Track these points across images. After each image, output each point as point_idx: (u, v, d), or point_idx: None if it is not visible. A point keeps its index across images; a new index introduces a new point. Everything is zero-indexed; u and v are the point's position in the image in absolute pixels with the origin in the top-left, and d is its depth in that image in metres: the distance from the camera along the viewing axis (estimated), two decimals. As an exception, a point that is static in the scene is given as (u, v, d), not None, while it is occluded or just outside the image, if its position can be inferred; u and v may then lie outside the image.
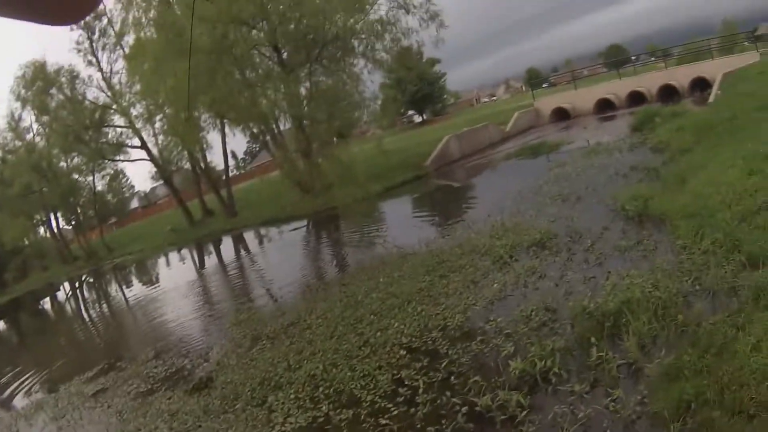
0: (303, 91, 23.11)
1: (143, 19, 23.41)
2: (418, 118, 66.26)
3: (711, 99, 18.20)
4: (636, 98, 29.23)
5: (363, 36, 22.72)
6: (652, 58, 54.89)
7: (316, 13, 20.96)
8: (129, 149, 35.01)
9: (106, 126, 34.22)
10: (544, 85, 59.45)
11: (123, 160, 37.82)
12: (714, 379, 3.69)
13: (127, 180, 58.10)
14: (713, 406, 3.46)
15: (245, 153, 75.48)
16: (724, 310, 4.60)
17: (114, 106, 32.45)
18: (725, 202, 6.81)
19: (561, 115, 32.24)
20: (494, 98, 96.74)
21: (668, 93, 28.66)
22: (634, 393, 4.04)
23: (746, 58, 25.44)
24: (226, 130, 27.20)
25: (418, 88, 58.39)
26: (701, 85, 26.53)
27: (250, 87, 21.77)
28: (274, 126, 24.72)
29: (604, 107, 31.12)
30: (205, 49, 18.97)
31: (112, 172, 41.93)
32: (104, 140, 34.68)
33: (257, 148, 62.74)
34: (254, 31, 22.08)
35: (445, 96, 69.69)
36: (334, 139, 23.96)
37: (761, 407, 3.25)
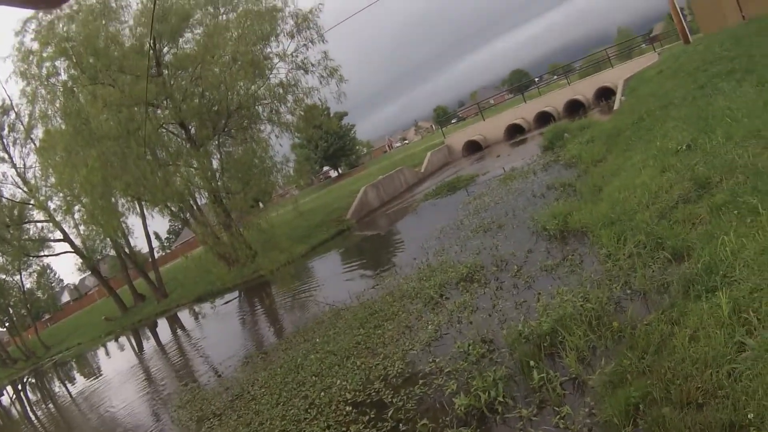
0: (215, 163, 25.65)
1: (50, 111, 25.33)
2: (334, 173, 73.65)
3: (616, 106, 20.48)
4: (544, 118, 32.56)
5: (266, 101, 25.85)
6: (555, 77, 60.85)
7: (218, 85, 23.52)
8: (52, 243, 37.67)
9: (27, 222, 36.60)
10: (453, 121, 64.57)
11: (48, 255, 40.50)
12: (657, 377, 4.10)
13: (55, 274, 64.88)
14: (661, 403, 3.83)
15: (168, 232, 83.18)
16: (657, 308, 5.14)
17: (32, 201, 34.55)
18: (643, 203, 7.63)
19: (473, 147, 35.93)
20: (406, 141, 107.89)
21: (574, 108, 31.90)
22: (582, 406, 4.44)
23: (646, 60, 28.80)
24: (145, 212, 29.34)
25: (330, 144, 65.70)
26: (605, 94, 29.76)
27: (162, 167, 23.52)
28: (191, 202, 26.72)
29: (514, 132, 34.80)
30: (114, 135, 21.14)
31: (39, 268, 44.93)
32: (26, 237, 37.00)
33: (180, 226, 67.68)
34: (159, 111, 24.43)
35: (357, 147, 77.74)
36: (253, 207, 25.71)
37: (708, 395, 3.68)
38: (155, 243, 49.87)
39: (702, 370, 3.82)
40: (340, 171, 73.90)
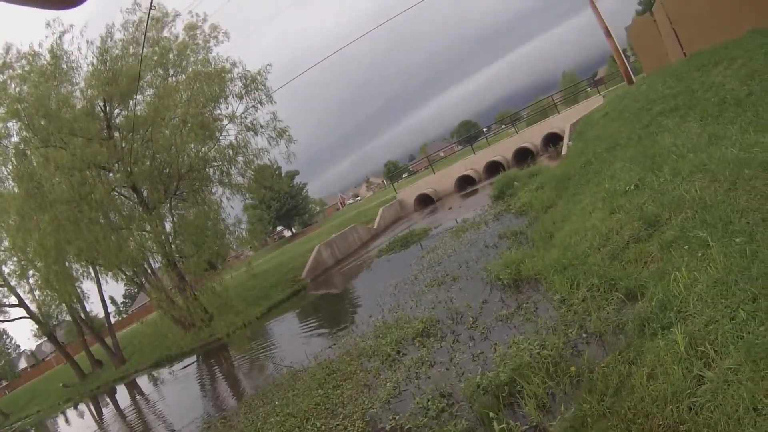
0: (168, 226, 26.42)
1: (2, 173, 25.97)
2: (288, 233, 76.32)
3: (564, 151, 21.29)
4: (494, 168, 33.72)
5: (216, 163, 26.99)
6: (503, 126, 63.07)
7: (169, 147, 24.39)
8: (7, 308, 37.16)
9: (-20, 287, 36.60)
10: (404, 175, 66.57)
11: (3, 321, 39.68)
12: (618, 419, 4.15)
13: (12, 340, 66.54)
14: (623, 445, 4.02)
15: (124, 296, 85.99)
16: (613, 349, 5.28)
17: (-16, 266, 34.43)
18: (594, 246, 7.89)
19: (425, 201, 37.05)
20: (359, 198, 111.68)
21: (523, 155, 32.97)
22: (544, 455, 4.44)
23: (591, 104, 30.04)
24: (100, 276, 29.62)
25: (282, 204, 68.71)
26: (553, 140, 30.95)
27: (115, 231, 23.89)
28: (146, 266, 27.02)
29: (465, 184, 36.04)
30: (66, 198, 21.72)
31: (-6, 334, 43.73)
32: (-21, 302, 36.59)
33: (135, 290, 69.19)
34: (111, 174, 25.02)
35: (310, 206, 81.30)
36: (207, 270, 26.22)
37: (670, 431, 3.86)
38: (111, 308, 50.61)
39: (662, 407, 3.90)
40: (293, 230, 76.71)
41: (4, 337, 56.73)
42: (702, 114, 9.49)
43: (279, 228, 79.34)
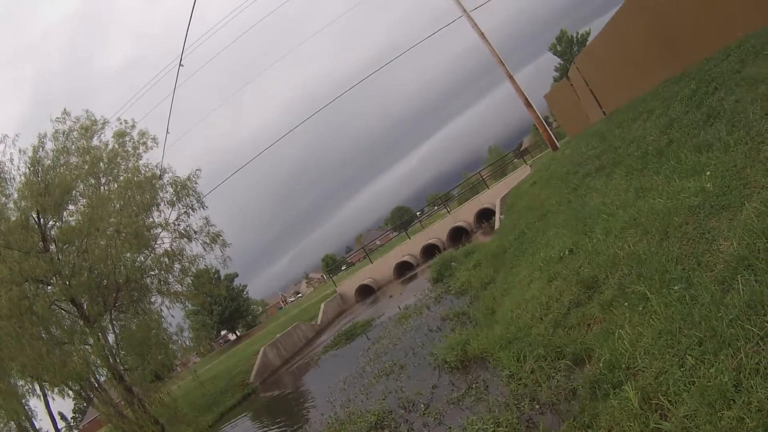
0: (111, 339, 26.25)
1: None
2: (232, 336, 76.53)
3: (497, 225, 21.80)
4: (430, 251, 34.31)
5: (153, 272, 27.09)
6: (435, 207, 64.59)
7: (105, 259, 24.44)
8: None
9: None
10: (342, 268, 67.44)
11: None
12: None
13: None
14: None
15: (74, 411, 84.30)
16: (567, 417, 5.31)
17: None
18: (536, 317, 8.01)
19: (365, 291, 37.55)
20: (300, 295, 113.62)
21: (458, 234, 33.67)
22: None
23: (519, 174, 31.06)
24: (46, 392, 28.58)
25: (224, 307, 69.57)
26: (486, 215, 31.72)
27: (58, 345, 23.66)
28: (92, 380, 26.27)
29: (404, 270, 36.77)
30: (5, 314, 21.56)
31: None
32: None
33: (85, 405, 66.02)
34: (50, 287, 24.66)
35: (252, 307, 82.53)
36: (153, 381, 26.10)
37: None
38: (61, 424, 48.57)
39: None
40: (238, 333, 77.14)
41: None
42: (627, 169, 9.92)
43: (223, 332, 79.49)
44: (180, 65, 27.59)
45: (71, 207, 26.33)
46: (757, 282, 4.12)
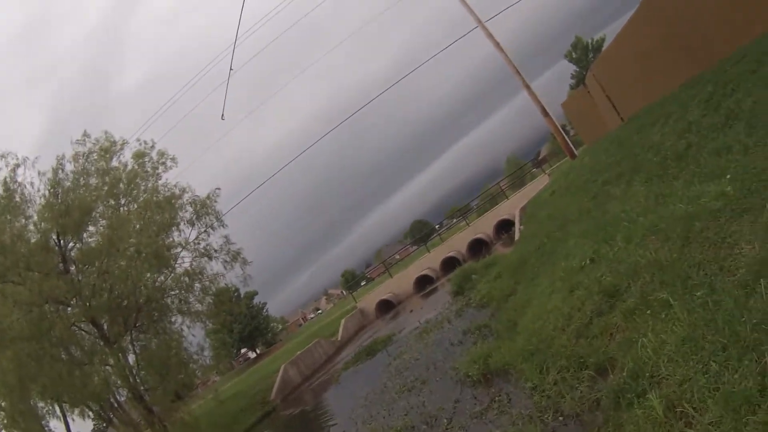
0: (131, 359, 26.43)
1: None
2: (252, 354, 77.08)
3: (517, 236, 21.78)
4: (450, 264, 34.53)
5: (174, 292, 27.52)
6: (454, 220, 64.57)
7: (125, 279, 24.70)
8: None
9: (-57, 427, 35.37)
10: (362, 283, 67.76)
11: None
12: None
13: None
14: None
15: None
16: (592, 427, 5.32)
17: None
18: (558, 328, 7.94)
19: (386, 306, 37.65)
20: (319, 311, 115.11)
21: (478, 246, 33.68)
22: None
23: (538, 184, 31.12)
24: (66, 414, 28.67)
25: (244, 325, 70.09)
26: (506, 226, 31.78)
27: (78, 366, 23.94)
28: (112, 400, 26.76)
29: (424, 284, 36.86)
30: (26, 335, 21.83)
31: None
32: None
33: (104, 425, 64.91)
34: (69, 309, 25.06)
35: (272, 325, 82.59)
36: (174, 401, 26.34)
37: None
38: None
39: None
40: (258, 351, 77.40)
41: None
42: (646, 176, 9.90)
43: (243, 350, 80.00)
44: (230, 69, 28.91)
45: (91, 228, 26.70)
46: (780, 285, 4.10)
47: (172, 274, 27.49)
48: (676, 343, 4.84)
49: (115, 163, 27.62)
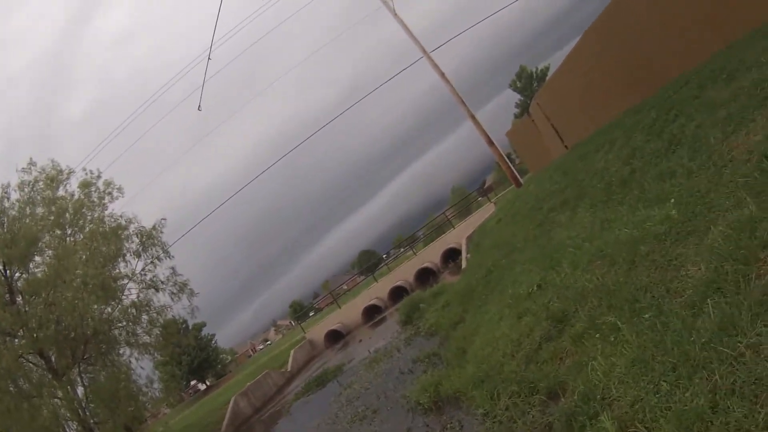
0: (80, 392, 26.41)
1: None
2: (202, 386, 75.98)
3: (464, 265, 22.02)
4: (398, 293, 34.95)
5: (121, 324, 27.56)
6: (402, 249, 64.97)
7: (72, 310, 24.44)
8: None
9: None
10: (311, 314, 67.56)
11: None
12: None
13: None
14: None
15: None
16: None
17: None
18: (508, 354, 7.98)
19: (335, 336, 37.75)
20: (269, 342, 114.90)
21: (425, 275, 33.87)
22: None
23: (484, 213, 31.54)
24: None
25: (193, 357, 69.54)
26: (452, 255, 32.15)
27: (26, 399, 23.61)
28: None
29: (372, 313, 37.00)
30: None
31: None
32: None
33: None
34: (17, 340, 25.03)
35: (221, 356, 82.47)
36: None
37: None
38: None
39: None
40: (208, 383, 76.54)
41: None
42: (591, 202, 10.10)
43: (193, 382, 78.79)
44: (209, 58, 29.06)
45: (37, 258, 26.74)
46: (727, 304, 4.19)
47: (119, 306, 27.35)
48: (625, 365, 4.90)
49: (61, 192, 27.62)
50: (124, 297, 27.74)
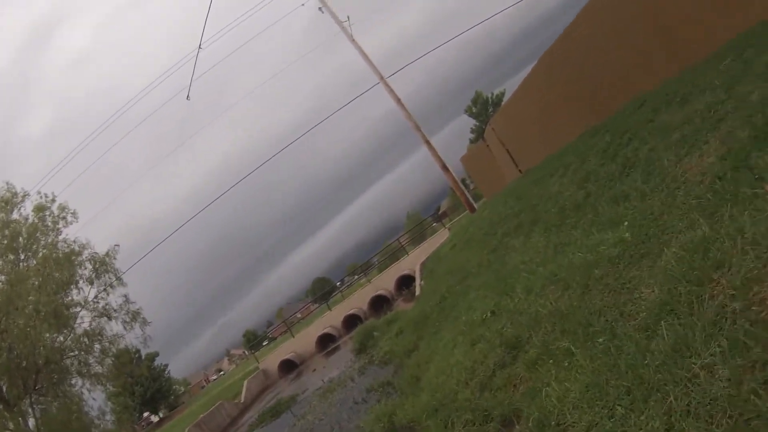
0: (32, 423, 26.24)
1: None
2: (155, 418, 75.51)
3: (417, 292, 22.00)
4: (352, 321, 34.89)
5: (73, 353, 27.60)
6: (355, 277, 64.84)
7: (24, 338, 24.52)
8: None
9: None
10: (264, 343, 67.36)
11: None
12: None
13: None
14: None
15: None
16: None
17: None
18: (462, 381, 7.86)
19: (288, 366, 37.62)
20: (222, 372, 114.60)
21: (380, 303, 33.88)
22: None
23: (439, 239, 31.83)
24: None
25: (146, 388, 69.15)
26: (406, 282, 32.17)
27: None
28: None
29: (326, 342, 37.02)
30: None
31: None
32: None
33: None
34: None
35: (174, 387, 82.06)
36: None
37: None
38: None
39: None
40: (161, 415, 75.45)
41: None
42: (545, 226, 10.13)
43: (146, 414, 77.63)
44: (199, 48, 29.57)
45: None
46: (680, 325, 4.16)
47: (72, 335, 27.37)
48: (580, 390, 4.83)
49: (15, 215, 27.52)
50: (76, 325, 27.71)
